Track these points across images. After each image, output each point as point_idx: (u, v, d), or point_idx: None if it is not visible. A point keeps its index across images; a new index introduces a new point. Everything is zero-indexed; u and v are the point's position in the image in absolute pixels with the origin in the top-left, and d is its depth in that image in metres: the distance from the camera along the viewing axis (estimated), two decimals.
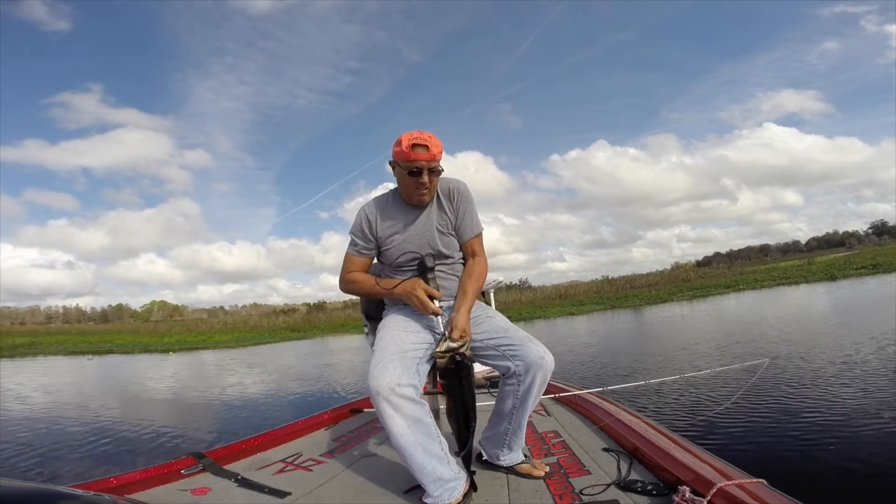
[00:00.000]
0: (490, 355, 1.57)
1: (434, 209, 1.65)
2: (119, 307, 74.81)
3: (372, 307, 1.87)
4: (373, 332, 1.75)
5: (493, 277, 3.50)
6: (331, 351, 15.20)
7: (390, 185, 1.72)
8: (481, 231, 1.72)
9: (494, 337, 1.56)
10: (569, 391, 2.67)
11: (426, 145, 1.49)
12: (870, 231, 65.34)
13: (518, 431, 1.61)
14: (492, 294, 3.35)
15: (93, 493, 1.14)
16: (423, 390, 1.49)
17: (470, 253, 1.71)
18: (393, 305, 1.71)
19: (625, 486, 1.42)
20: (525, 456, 1.71)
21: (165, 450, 4.51)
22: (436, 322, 1.57)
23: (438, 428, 1.46)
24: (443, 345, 1.44)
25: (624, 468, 1.56)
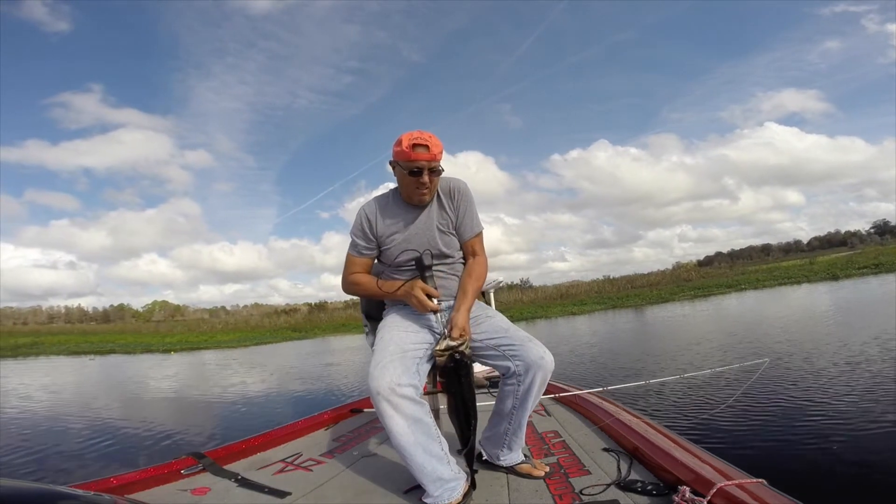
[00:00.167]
0: (490, 355, 1.57)
1: (434, 208, 1.65)
2: (121, 307, 75.08)
3: (372, 307, 1.87)
4: (373, 333, 1.75)
5: (493, 277, 3.51)
6: (332, 351, 15.21)
7: (391, 185, 1.71)
8: (482, 230, 1.72)
9: (494, 337, 1.56)
10: (569, 391, 2.67)
11: (426, 145, 1.49)
12: (872, 231, 65.28)
13: (518, 431, 1.61)
14: (492, 294, 3.36)
15: (93, 493, 1.14)
16: (424, 390, 1.49)
17: (470, 252, 1.70)
18: (393, 305, 1.70)
19: (625, 486, 1.42)
20: (525, 456, 1.70)
21: (165, 450, 4.51)
22: (436, 320, 1.57)
23: (438, 428, 1.46)
24: (442, 343, 1.44)
25: (624, 468, 1.56)
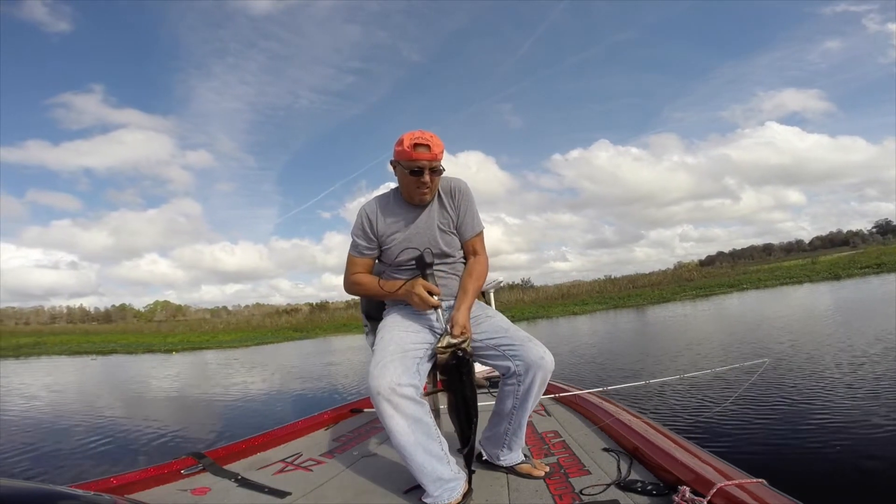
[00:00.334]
0: (490, 355, 1.57)
1: (435, 208, 1.65)
2: (122, 307, 75.20)
3: (372, 307, 1.87)
4: (373, 332, 1.75)
5: (493, 277, 3.51)
6: (333, 351, 15.21)
7: (392, 185, 1.72)
8: (482, 230, 1.73)
9: (494, 337, 1.56)
10: (569, 391, 2.67)
11: (428, 145, 1.49)
12: (874, 230, 65.20)
13: (518, 431, 1.62)
14: (492, 294, 3.36)
15: (93, 493, 1.14)
16: (424, 390, 1.50)
17: (471, 251, 1.71)
18: (393, 305, 1.71)
19: (625, 486, 1.42)
20: (525, 456, 1.70)
21: (165, 450, 4.51)
22: (436, 318, 1.57)
23: (439, 428, 1.46)
24: (444, 340, 1.45)
25: (624, 468, 1.56)
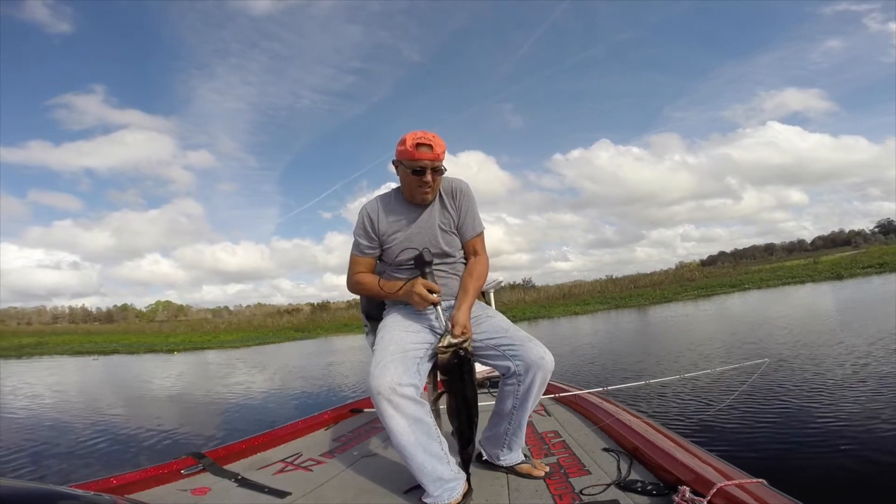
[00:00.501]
0: (490, 355, 1.57)
1: (437, 208, 1.66)
2: (124, 307, 75.34)
3: (372, 307, 1.87)
4: (373, 332, 1.75)
5: (494, 277, 3.50)
6: (334, 351, 15.23)
7: (393, 185, 1.73)
8: (483, 230, 1.73)
9: (494, 337, 1.57)
10: (569, 391, 2.67)
11: (430, 145, 1.50)
12: (876, 230, 64.91)
13: (518, 431, 1.62)
14: (492, 294, 3.35)
15: (93, 493, 1.14)
16: (423, 390, 1.50)
17: (471, 252, 1.71)
18: (393, 305, 1.71)
19: (625, 486, 1.41)
20: (525, 456, 1.71)
21: (165, 450, 4.51)
22: (435, 316, 1.57)
23: (439, 428, 1.46)
24: (445, 339, 1.45)
25: (624, 468, 1.56)
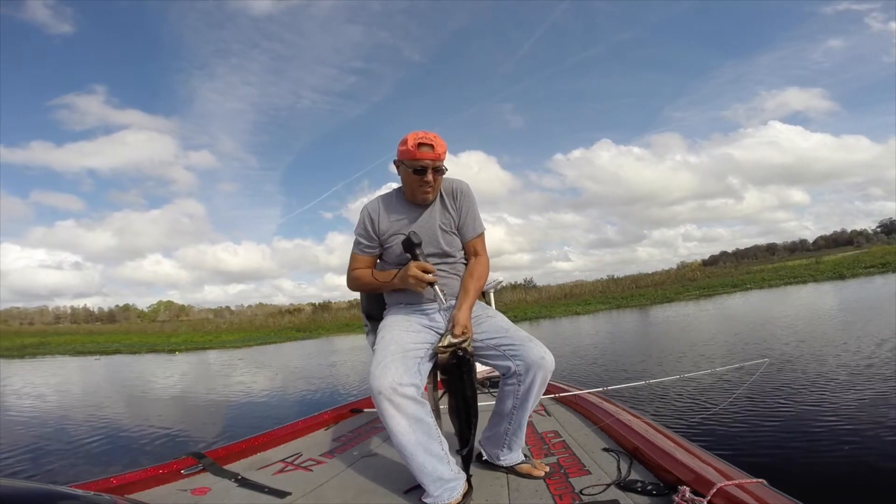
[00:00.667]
0: (490, 355, 1.57)
1: (437, 208, 1.66)
2: (126, 307, 75.43)
3: (372, 307, 1.87)
4: (373, 332, 1.75)
5: (494, 277, 3.49)
6: (335, 351, 15.24)
7: (394, 186, 1.74)
8: (483, 231, 1.74)
9: (495, 337, 1.57)
10: (569, 391, 2.67)
11: (431, 144, 1.52)
12: (878, 230, 64.63)
13: (518, 431, 1.62)
14: (492, 294, 3.35)
15: (93, 493, 1.14)
16: (424, 390, 1.50)
17: (472, 252, 1.72)
18: (393, 305, 1.71)
19: (625, 486, 1.41)
20: (525, 456, 1.71)
21: (165, 450, 4.51)
22: (434, 293, 1.57)
23: (439, 427, 1.46)
24: (445, 339, 1.45)
25: (624, 468, 1.56)
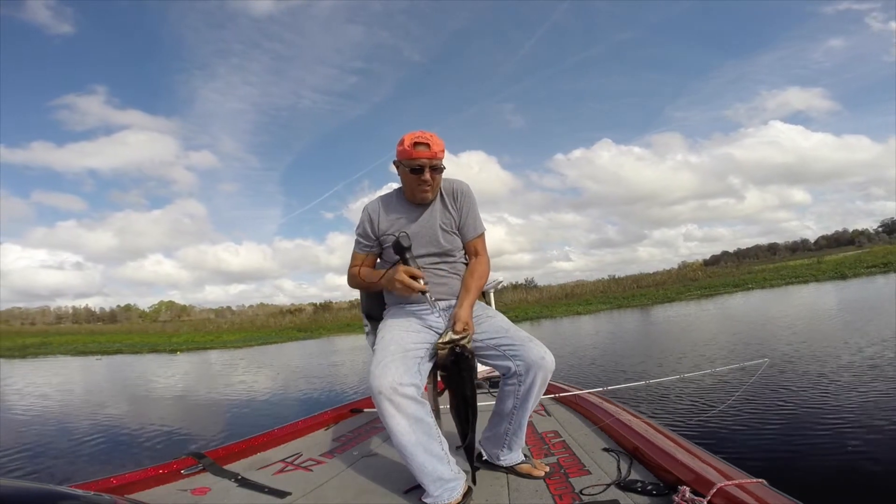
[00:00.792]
0: (491, 355, 1.57)
1: (438, 207, 1.67)
2: (127, 307, 75.39)
3: (373, 307, 1.87)
4: (373, 332, 1.76)
5: (494, 277, 3.49)
6: (336, 351, 15.25)
7: (395, 186, 1.75)
8: (484, 231, 1.75)
9: (495, 337, 1.57)
10: (569, 391, 2.67)
11: (428, 143, 1.53)
12: (880, 229, 64.40)
13: (518, 431, 1.62)
14: (492, 294, 3.34)
15: (93, 493, 1.15)
16: (424, 390, 1.50)
17: (473, 252, 1.73)
18: (393, 305, 1.72)
19: (625, 486, 1.41)
20: (525, 456, 1.71)
21: (165, 450, 4.51)
22: (427, 301, 1.56)
23: (439, 427, 1.46)
24: (445, 336, 1.45)
25: (624, 468, 1.56)
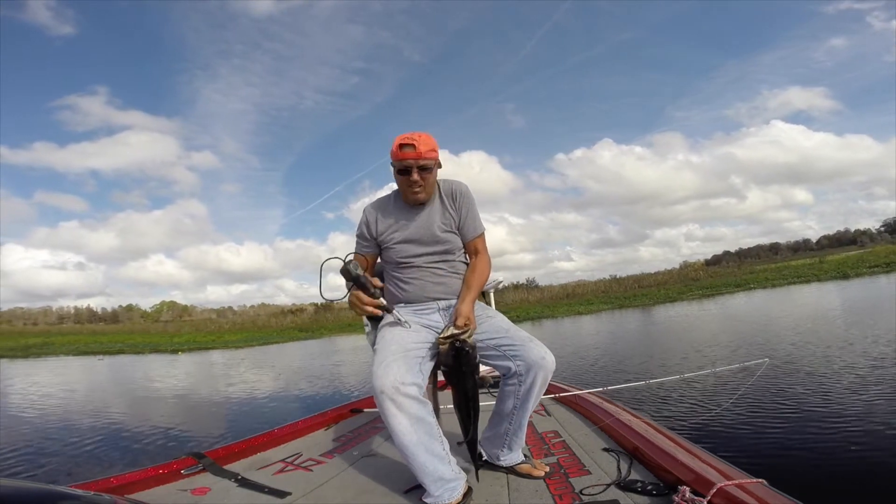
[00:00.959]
0: (491, 355, 1.57)
1: (436, 208, 1.68)
2: (129, 307, 75.45)
3: None
4: (374, 332, 1.75)
5: (494, 277, 3.48)
6: (337, 351, 15.27)
7: (395, 186, 1.75)
8: (483, 231, 1.76)
9: (495, 337, 1.57)
10: (569, 391, 2.67)
11: (413, 144, 1.55)
12: (882, 229, 64.22)
13: (518, 431, 1.62)
14: (492, 294, 3.34)
15: (93, 493, 1.15)
16: (425, 390, 1.50)
17: (473, 252, 1.74)
18: (394, 305, 1.71)
19: (625, 486, 1.41)
20: (525, 456, 1.71)
21: (165, 450, 4.52)
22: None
23: (440, 427, 1.46)
24: (446, 331, 1.45)
25: (624, 468, 1.56)
